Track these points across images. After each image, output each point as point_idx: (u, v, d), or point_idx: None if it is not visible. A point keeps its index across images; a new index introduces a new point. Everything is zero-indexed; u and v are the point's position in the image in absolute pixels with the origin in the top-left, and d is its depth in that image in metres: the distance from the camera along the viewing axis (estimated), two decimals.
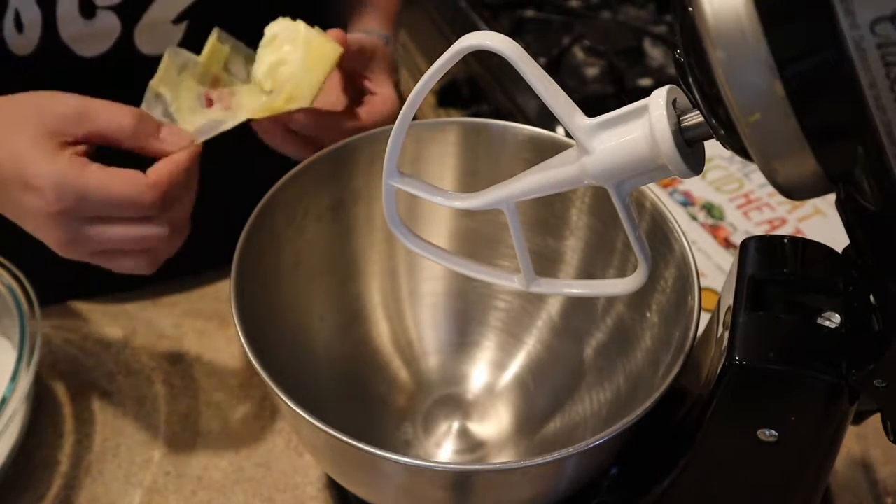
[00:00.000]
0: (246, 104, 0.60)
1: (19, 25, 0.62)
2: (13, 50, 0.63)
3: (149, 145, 0.55)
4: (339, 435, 0.46)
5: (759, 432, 0.45)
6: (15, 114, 0.55)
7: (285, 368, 0.53)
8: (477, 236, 0.66)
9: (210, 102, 0.60)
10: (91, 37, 0.65)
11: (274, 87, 0.60)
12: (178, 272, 0.80)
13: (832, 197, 0.37)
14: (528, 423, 0.65)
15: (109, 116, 0.54)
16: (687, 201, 0.86)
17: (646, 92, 0.41)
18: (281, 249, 0.60)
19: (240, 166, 0.74)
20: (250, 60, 0.63)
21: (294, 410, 0.47)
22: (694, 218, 0.84)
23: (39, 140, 0.53)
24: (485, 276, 0.51)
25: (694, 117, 0.40)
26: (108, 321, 0.77)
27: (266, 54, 0.61)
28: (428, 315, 0.69)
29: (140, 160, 0.56)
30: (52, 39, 0.64)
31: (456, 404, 0.66)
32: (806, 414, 0.44)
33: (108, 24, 0.65)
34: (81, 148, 0.54)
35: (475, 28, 1.12)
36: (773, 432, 0.45)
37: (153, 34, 0.68)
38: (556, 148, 0.55)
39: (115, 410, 0.70)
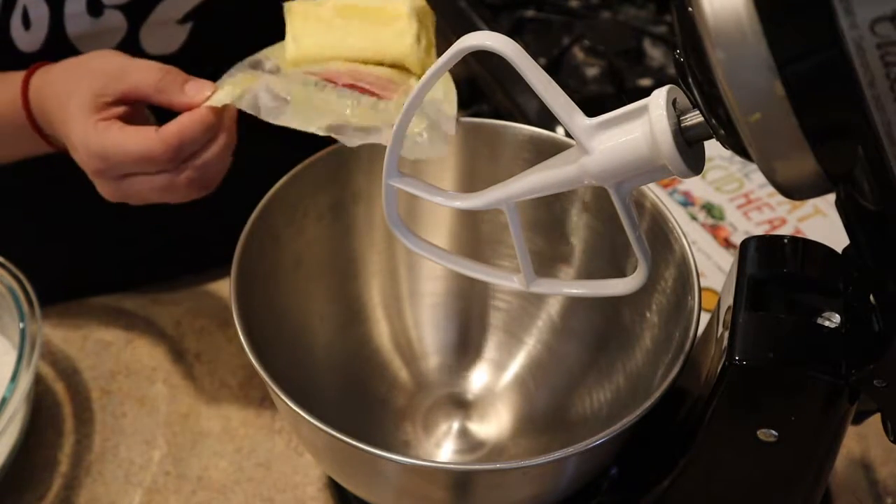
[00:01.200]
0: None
1: (27, 22, 0.63)
2: (20, 47, 0.64)
3: (174, 101, 0.56)
4: (339, 435, 0.46)
5: (759, 432, 0.45)
6: (75, 75, 0.57)
7: (285, 368, 0.53)
8: (477, 236, 0.66)
9: (360, 88, 0.57)
10: (97, 35, 0.65)
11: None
12: (178, 272, 0.80)
13: (832, 197, 0.37)
14: (528, 423, 0.65)
15: (139, 73, 0.56)
16: (687, 201, 0.86)
17: (646, 92, 0.41)
18: (281, 249, 0.60)
19: (240, 166, 0.74)
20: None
21: (294, 410, 0.47)
22: (694, 218, 0.84)
23: (85, 104, 0.55)
24: (485, 276, 0.51)
25: (694, 117, 0.40)
26: (108, 321, 0.77)
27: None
28: (428, 315, 0.69)
29: None
30: (59, 37, 0.64)
31: (456, 404, 0.66)
32: (806, 414, 0.44)
33: (114, 23, 0.66)
34: (117, 110, 0.56)
35: (475, 28, 1.12)
36: (773, 432, 0.45)
37: (158, 34, 0.68)
38: (556, 148, 0.55)
39: (115, 410, 0.70)
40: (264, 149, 0.70)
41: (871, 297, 0.43)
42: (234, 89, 0.56)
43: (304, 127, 0.55)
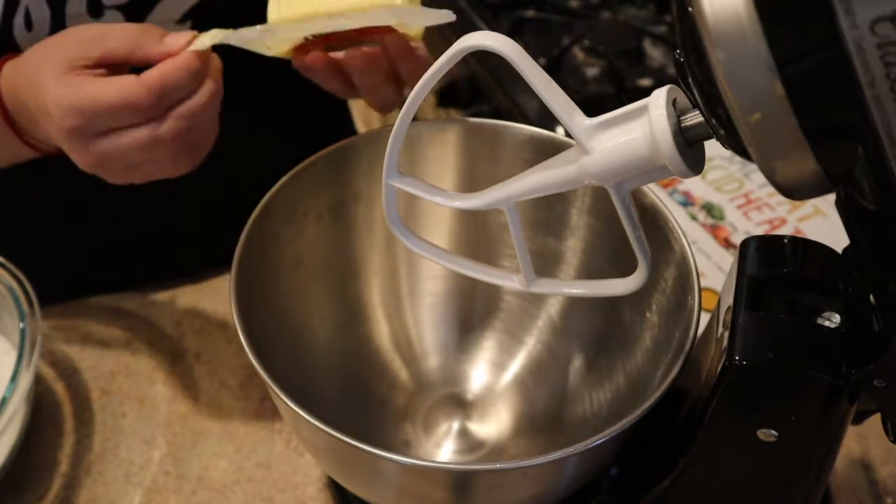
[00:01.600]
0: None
1: (29, 23, 0.63)
2: (22, 47, 0.64)
3: (153, 52, 0.54)
4: (339, 435, 0.46)
5: (759, 432, 0.45)
6: (46, 49, 0.55)
7: (285, 368, 0.53)
8: (477, 236, 0.66)
9: None
10: None
11: None
12: (178, 272, 0.80)
13: (832, 197, 0.37)
14: (528, 423, 0.65)
15: (116, 35, 0.54)
16: (687, 201, 0.86)
17: (646, 92, 0.41)
18: (281, 249, 0.60)
19: (240, 166, 0.74)
20: None
21: (294, 410, 0.47)
22: (694, 218, 0.84)
23: (57, 68, 0.53)
24: (485, 276, 0.51)
25: (694, 117, 0.40)
26: (108, 321, 0.77)
27: None
28: (428, 315, 0.69)
29: None
30: None
31: (456, 404, 0.66)
32: (806, 414, 0.44)
33: (114, 23, 0.66)
34: (95, 72, 0.54)
35: (475, 28, 1.12)
36: (773, 432, 0.45)
37: None
38: (556, 148, 0.55)
39: (115, 410, 0.70)
40: (264, 149, 0.70)
41: (871, 297, 0.43)
42: (217, 34, 0.55)
43: (299, 33, 0.55)
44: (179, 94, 0.53)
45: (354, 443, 0.46)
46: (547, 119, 0.91)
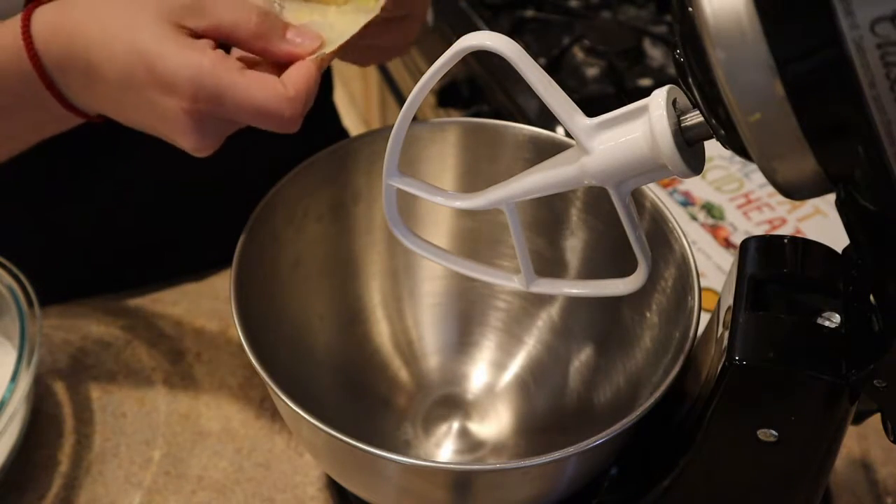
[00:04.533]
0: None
1: None
2: None
3: (273, 47, 0.49)
4: (339, 435, 0.46)
5: (759, 432, 0.45)
6: (129, 6, 0.48)
7: (285, 368, 0.53)
8: (477, 236, 0.66)
9: None
10: None
11: None
12: (179, 272, 0.80)
13: (832, 197, 0.37)
14: (528, 423, 0.65)
15: (232, 9, 0.48)
16: (687, 201, 0.86)
17: (646, 92, 0.41)
18: (281, 249, 0.60)
19: (240, 166, 0.74)
20: None
21: (294, 410, 0.47)
22: (694, 218, 0.84)
23: (163, 32, 0.47)
24: (485, 276, 0.51)
25: (694, 117, 0.40)
26: (108, 321, 0.77)
27: None
28: (428, 315, 0.69)
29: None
30: None
31: (456, 404, 0.66)
32: (806, 414, 0.44)
33: None
34: (211, 42, 0.48)
35: (475, 28, 1.12)
36: (773, 432, 0.45)
37: None
38: (556, 148, 0.55)
39: (115, 410, 0.70)
40: (264, 149, 0.70)
41: (871, 297, 0.43)
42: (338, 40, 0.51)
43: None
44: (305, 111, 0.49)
45: (354, 443, 0.46)
46: (547, 119, 0.91)
